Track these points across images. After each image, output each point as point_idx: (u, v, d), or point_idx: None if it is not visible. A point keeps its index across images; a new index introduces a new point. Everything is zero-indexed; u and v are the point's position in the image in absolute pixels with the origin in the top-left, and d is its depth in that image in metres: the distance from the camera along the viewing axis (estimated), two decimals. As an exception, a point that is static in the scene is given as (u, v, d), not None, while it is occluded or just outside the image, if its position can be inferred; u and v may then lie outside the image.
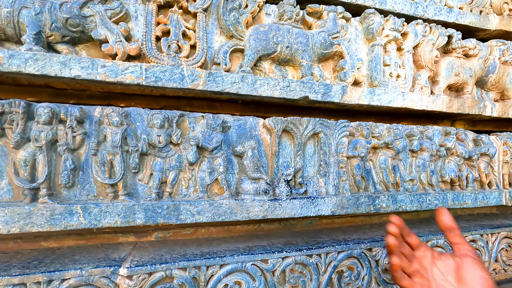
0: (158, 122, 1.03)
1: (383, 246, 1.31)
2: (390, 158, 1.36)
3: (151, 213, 1.01)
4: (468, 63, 1.63)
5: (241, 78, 1.21)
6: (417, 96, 1.49)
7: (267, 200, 1.14)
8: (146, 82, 1.10)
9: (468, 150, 1.50)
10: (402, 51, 1.50)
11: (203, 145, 1.07)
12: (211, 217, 1.08)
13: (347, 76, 1.37)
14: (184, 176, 1.09)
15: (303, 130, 1.21)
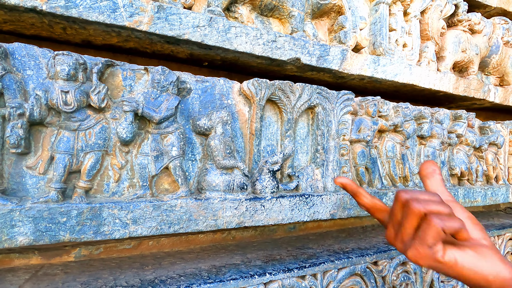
0: (64, 69, 0.60)
1: (390, 257, 1.01)
2: (398, 144, 1.07)
3: (47, 224, 0.58)
4: (473, 39, 1.41)
5: (208, 20, 0.82)
6: (424, 71, 1.22)
7: (244, 199, 0.77)
8: (49, 7, 0.66)
9: (478, 138, 1.27)
10: (408, 16, 1.23)
11: (145, 112, 0.67)
12: (156, 228, 0.68)
13: (348, 37, 1.05)
14: (112, 162, 0.67)
15: (295, 100, 0.86)
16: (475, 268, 0.44)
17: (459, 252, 0.45)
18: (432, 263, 0.45)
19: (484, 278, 0.44)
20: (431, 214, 0.45)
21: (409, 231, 0.48)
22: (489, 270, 0.44)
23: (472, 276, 0.44)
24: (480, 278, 0.44)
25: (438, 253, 0.44)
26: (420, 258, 0.46)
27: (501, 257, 0.45)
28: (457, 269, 0.45)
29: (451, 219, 0.44)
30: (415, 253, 0.46)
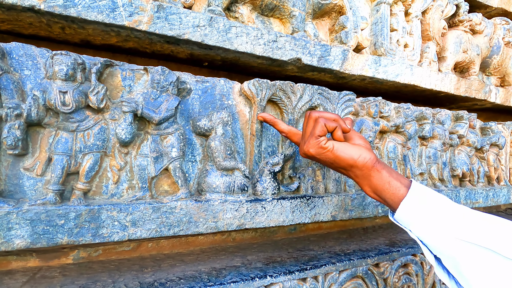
0: (63, 69, 0.59)
1: (392, 259, 1.01)
2: (400, 145, 1.06)
3: (45, 226, 0.57)
4: (475, 40, 1.41)
5: (208, 20, 0.81)
6: (426, 72, 1.22)
7: (244, 201, 0.76)
8: (47, 6, 0.65)
9: (479, 139, 1.26)
10: (409, 16, 1.22)
11: (145, 113, 0.66)
12: (155, 230, 0.67)
13: (349, 37, 1.04)
14: (111, 163, 0.66)
15: (296, 101, 0.85)
16: (346, 151, 0.62)
17: (337, 142, 0.63)
18: (318, 149, 0.63)
19: (353, 158, 0.61)
20: (320, 117, 0.64)
21: (308, 132, 0.65)
22: (357, 153, 0.61)
23: (343, 157, 0.62)
24: (350, 157, 0.61)
25: (322, 142, 0.62)
26: (310, 147, 0.63)
27: (368, 148, 0.63)
28: (334, 151, 0.62)
29: (332, 121, 0.63)
30: (307, 144, 0.64)
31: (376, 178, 0.60)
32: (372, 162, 0.61)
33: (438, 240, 0.53)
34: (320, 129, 0.62)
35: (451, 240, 0.51)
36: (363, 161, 0.61)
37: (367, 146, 0.65)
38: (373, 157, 0.61)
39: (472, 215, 0.53)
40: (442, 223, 0.52)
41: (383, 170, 0.60)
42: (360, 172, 0.62)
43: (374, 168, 0.60)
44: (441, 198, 0.56)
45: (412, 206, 0.56)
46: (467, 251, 0.49)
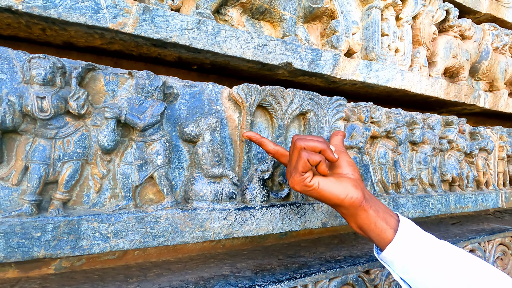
0: (40, 73, 0.56)
1: (382, 265, 1.00)
2: (391, 151, 1.06)
3: (20, 239, 0.54)
4: (464, 45, 1.42)
5: (196, 23, 0.79)
6: (416, 77, 1.22)
7: (233, 209, 0.74)
8: (25, 7, 0.62)
9: (469, 144, 1.27)
10: (400, 20, 1.22)
11: (129, 119, 0.63)
12: (139, 241, 0.64)
13: (340, 41, 1.03)
14: (93, 171, 0.64)
15: (286, 106, 0.84)
16: (332, 190, 0.59)
17: (322, 179, 0.60)
18: (302, 187, 0.60)
19: (340, 197, 0.58)
20: (304, 150, 0.59)
21: (293, 163, 0.61)
22: (343, 192, 0.58)
23: (329, 196, 0.59)
24: (336, 197, 0.59)
25: (307, 179, 0.59)
26: (295, 184, 0.61)
27: (355, 185, 0.60)
28: (319, 191, 0.59)
29: (316, 155, 0.58)
30: (292, 180, 0.61)
31: (363, 217, 0.59)
32: (359, 201, 0.59)
33: (420, 284, 0.55)
34: (303, 165, 0.58)
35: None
36: (349, 201, 0.59)
37: (355, 177, 0.63)
38: (360, 196, 0.59)
39: (457, 263, 0.54)
40: (426, 271, 0.54)
41: (370, 209, 0.59)
42: (346, 211, 0.61)
43: (361, 207, 0.59)
44: (427, 243, 0.57)
45: (397, 250, 0.57)
46: None
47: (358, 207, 0.59)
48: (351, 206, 0.59)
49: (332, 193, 0.59)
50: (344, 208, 0.60)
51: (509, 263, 1.39)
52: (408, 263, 0.56)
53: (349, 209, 0.60)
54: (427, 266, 0.54)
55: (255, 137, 0.72)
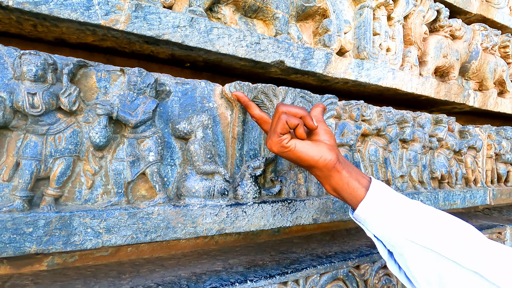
0: (31, 69, 0.56)
1: (373, 261, 1.02)
2: (381, 148, 1.08)
3: (11, 235, 0.54)
4: (454, 45, 1.44)
5: (189, 21, 0.79)
6: (407, 76, 1.24)
7: (225, 205, 0.75)
8: (15, 3, 0.62)
9: (458, 142, 1.30)
10: (392, 20, 1.24)
11: (121, 116, 0.64)
12: (131, 237, 0.65)
13: (332, 40, 1.04)
14: (85, 168, 0.64)
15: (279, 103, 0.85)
16: (308, 151, 0.62)
17: (299, 141, 0.63)
18: (280, 148, 0.62)
19: (314, 159, 0.61)
20: (284, 113, 0.61)
21: (273, 126, 0.63)
22: (317, 154, 0.61)
23: (305, 157, 0.62)
24: (311, 158, 0.62)
25: (284, 140, 0.61)
26: (273, 145, 0.63)
27: (330, 148, 0.63)
28: (295, 151, 0.62)
29: (295, 118, 0.61)
30: (270, 141, 0.64)
31: (336, 178, 0.62)
32: (333, 163, 0.61)
33: (390, 238, 0.58)
34: (282, 127, 0.61)
35: (401, 239, 0.56)
36: (323, 162, 0.62)
37: (331, 143, 0.65)
38: (333, 158, 0.62)
39: (424, 215, 0.57)
40: (394, 224, 0.57)
41: (343, 170, 0.62)
42: (320, 173, 0.63)
43: (335, 168, 0.61)
44: (397, 199, 0.60)
45: (368, 207, 0.60)
46: (414, 250, 0.54)
47: (332, 168, 0.61)
48: (325, 167, 0.62)
49: (308, 155, 0.62)
50: (319, 170, 0.63)
51: (496, 259, 1.43)
52: (379, 219, 0.59)
53: (323, 171, 0.62)
54: (398, 221, 0.57)
55: (243, 98, 0.76)
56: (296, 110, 0.63)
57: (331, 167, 0.61)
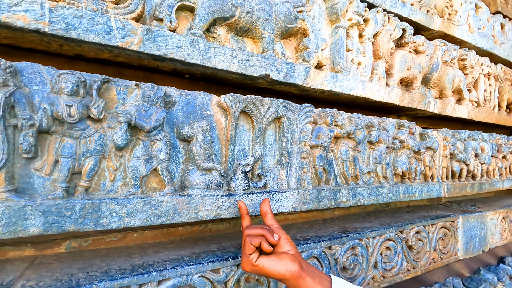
0: (68, 86, 0.71)
1: (342, 243, 1.22)
2: (351, 149, 1.27)
3: (55, 217, 0.69)
4: (417, 59, 1.66)
5: (190, 42, 0.95)
6: (375, 86, 1.44)
7: (220, 195, 0.92)
8: (50, 29, 0.76)
9: (417, 144, 1.52)
10: (363, 38, 1.44)
11: (138, 123, 0.79)
12: (146, 220, 0.81)
13: (311, 56, 1.23)
14: (108, 164, 0.79)
15: (264, 112, 1.02)
16: (275, 267, 0.73)
17: (266, 259, 0.74)
18: (251, 267, 0.74)
19: (281, 273, 0.72)
20: (248, 236, 0.75)
21: (243, 250, 0.76)
22: (284, 268, 0.72)
23: (273, 273, 0.73)
24: (278, 273, 0.72)
25: (253, 260, 0.73)
26: (245, 265, 0.75)
27: (293, 259, 0.74)
28: (264, 269, 0.73)
29: (257, 238, 0.74)
30: (242, 263, 0.76)
31: (303, 286, 0.72)
32: (298, 272, 0.72)
33: None
34: (248, 248, 0.73)
35: None
36: (289, 274, 0.72)
37: (293, 252, 0.76)
38: (297, 268, 0.72)
39: None
40: None
41: (307, 277, 0.73)
42: (289, 283, 0.74)
43: (301, 276, 0.72)
44: None
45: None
46: None
47: (298, 277, 0.72)
48: (292, 278, 0.72)
49: (275, 271, 0.73)
50: (287, 281, 0.73)
51: (449, 243, 1.67)
52: None
53: (291, 281, 0.73)
54: None
55: (243, 209, 0.89)
56: (257, 231, 0.76)
57: (298, 276, 0.72)
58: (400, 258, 1.40)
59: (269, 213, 0.88)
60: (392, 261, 1.37)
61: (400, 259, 1.40)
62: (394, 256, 1.38)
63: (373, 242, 1.31)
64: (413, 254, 1.47)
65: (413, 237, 1.46)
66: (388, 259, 1.36)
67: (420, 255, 1.50)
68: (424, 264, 1.51)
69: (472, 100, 2.02)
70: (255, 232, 0.77)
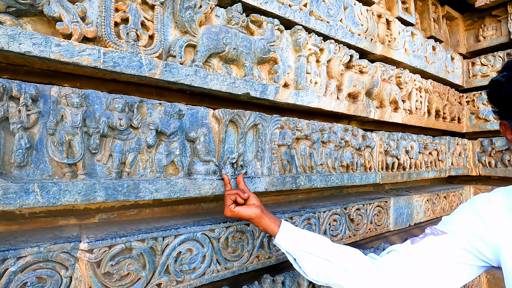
0: (119, 106, 1.09)
1: (300, 215, 1.68)
2: (308, 147, 1.74)
3: (112, 191, 1.08)
4: (361, 78, 2.17)
5: (194, 71, 1.35)
6: (328, 100, 1.92)
7: (215, 179, 1.34)
8: (103, 66, 1.13)
9: (358, 143, 2.03)
10: (319, 63, 1.90)
11: (162, 130, 1.19)
12: (167, 194, 1.21)
13: (280, 79, 1.67)
14: (142, 157, 1.18)
15: (246, 121, 1.45)
16: (245, 211, 1.13)
17: (239, 207, 1.14)
18: (230, 213, 1.15)
19: (249, 215, 1.12)
20: (228, 194, 1.17)
21: (225, 203, 1.18)
22: (251, 212, 1.13)
23: (244, 215, 1.13)
24: (247, 215, 1.12)
25: (231, 208, 1.15)
26: (227, 212, 1.17)
27: (257, 207, 1.14)
28: (239, 213, 1.13)
29: (233, 195, 1.17)
30: (225, 211, 1.17)
31: (263, 223, 1.12)
32: (260, 214, 1.12)
33: (292, 250, 1.05)
34: (228, 201, 1.16)
35: (297, 250, 1.04)
36: (254, 215, 1.12)
37: (257, 204, 1.16)
38: (259, 211, 1.12)
39: (308, 236, 1.06)
40: (293, 242, 1.05)
41: (265, 217, 1.12)
42: (254, 221, 1.14)
43: (261, 217, 1.12)
44: (295, 230, 1.09)
45: (280, 236, 1.08)
46: (303, 255, 1.02)
47: (260, 217, 1.11)
48: (256, 217, 1.12)
49: (246, 213, 1.13)
50: (253, 219, 1.12)
51: (382, 218, 2.22)
52: (286, 241, 1.06)
53: (255, 220, 1.12)
54: (295, 240, 1.05)
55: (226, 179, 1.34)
56: (234, 191, 1.18)
57: (260, 216, 1.11)
58: (344, 228, 1.91)
59: (241, 182, 1.30)
60: (337, 229, 1.87)
61: (344, 228, 1.90)
62: (339, 226, 1.88)
63: (324, 215, 1.79)
64: (354, 225, 1.98)
65: (354, 213, 1.97)
66: (334, 228, 1.85)
67: (360, 226, 2.02)
68: (362, 233, 2.04)
69: (405, 108, 2.58)
70: (232, 192, 1.18)
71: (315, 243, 1.02)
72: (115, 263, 1.04)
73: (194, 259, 1.24)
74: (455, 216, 0.92)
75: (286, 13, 1.74)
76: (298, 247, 1.03)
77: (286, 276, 1.53)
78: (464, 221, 0.86)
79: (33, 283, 0.91)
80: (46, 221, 1.22)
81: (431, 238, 0.89)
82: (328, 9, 1.97)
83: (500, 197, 0.84)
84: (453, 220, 0.90)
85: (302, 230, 1.10)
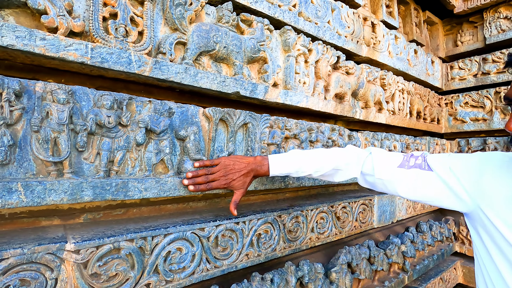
0: (108, 103, 1.06)
1: (288, 213, 1.70)
2: (297, 146, 1.76)
3: (100, 190, 1.05)
4: (348, 79, 2.22)
5: (184, 69, 1.34)
6: (316, 100, 1.95)
7: (205, 178, 1.33)
8: (91, 62, 1.10)
9: (345, 142, 2.07)
10: (308, 63, 1.93)
11: (152, 128, 1.17)
12: (157, 193, 1.19)
13: (269, 78, 1.68)
14: (131, 156, 1.16)
15: (236, 120, 1.45)
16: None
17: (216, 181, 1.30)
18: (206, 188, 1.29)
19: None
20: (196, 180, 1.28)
21: None
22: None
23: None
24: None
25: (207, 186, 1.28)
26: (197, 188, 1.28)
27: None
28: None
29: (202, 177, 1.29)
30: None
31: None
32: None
33: (293, 170, 1.32)
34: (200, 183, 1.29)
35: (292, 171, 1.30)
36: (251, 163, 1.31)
37: None
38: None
39: (303, 154, 1.32)
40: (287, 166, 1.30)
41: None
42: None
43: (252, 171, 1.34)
44: (284, 155, 1.33)
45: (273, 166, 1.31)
46: (299, 172, 1.30)
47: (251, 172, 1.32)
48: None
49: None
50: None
51: (367, 215, 2.28)
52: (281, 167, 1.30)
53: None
54: (291, 163, 1.29)
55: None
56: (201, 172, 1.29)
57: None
58: (331, 225, 1.95)
59: None
60: (324, 227, 1.91)
61: (330, 226, 1.95)
62: (326, 223, 1.92)
63: (311, 213, 1.82)
64: (340, 223, 2.03)
65: (340, 211, 2.02)
66: (321, 226, 1.89)
67: (345, 224, 2.07)
68: (348, 230, 2.09)
69: (389, 109, 2.67)
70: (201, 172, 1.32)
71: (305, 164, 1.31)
72: (102, 263, 1.02)
73: (184, 258, 1.23)
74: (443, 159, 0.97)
75: (276, 13, 1.75)
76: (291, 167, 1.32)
77: (274, 273, 1.54)
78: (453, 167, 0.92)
79: (16, 285, 0.88)
80: (28, 222, 1.18)
81: (417, 171, 1.01)
82: (317, 11, 2.00)
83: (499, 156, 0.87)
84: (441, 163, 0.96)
85: (287, 156, 1.33)
